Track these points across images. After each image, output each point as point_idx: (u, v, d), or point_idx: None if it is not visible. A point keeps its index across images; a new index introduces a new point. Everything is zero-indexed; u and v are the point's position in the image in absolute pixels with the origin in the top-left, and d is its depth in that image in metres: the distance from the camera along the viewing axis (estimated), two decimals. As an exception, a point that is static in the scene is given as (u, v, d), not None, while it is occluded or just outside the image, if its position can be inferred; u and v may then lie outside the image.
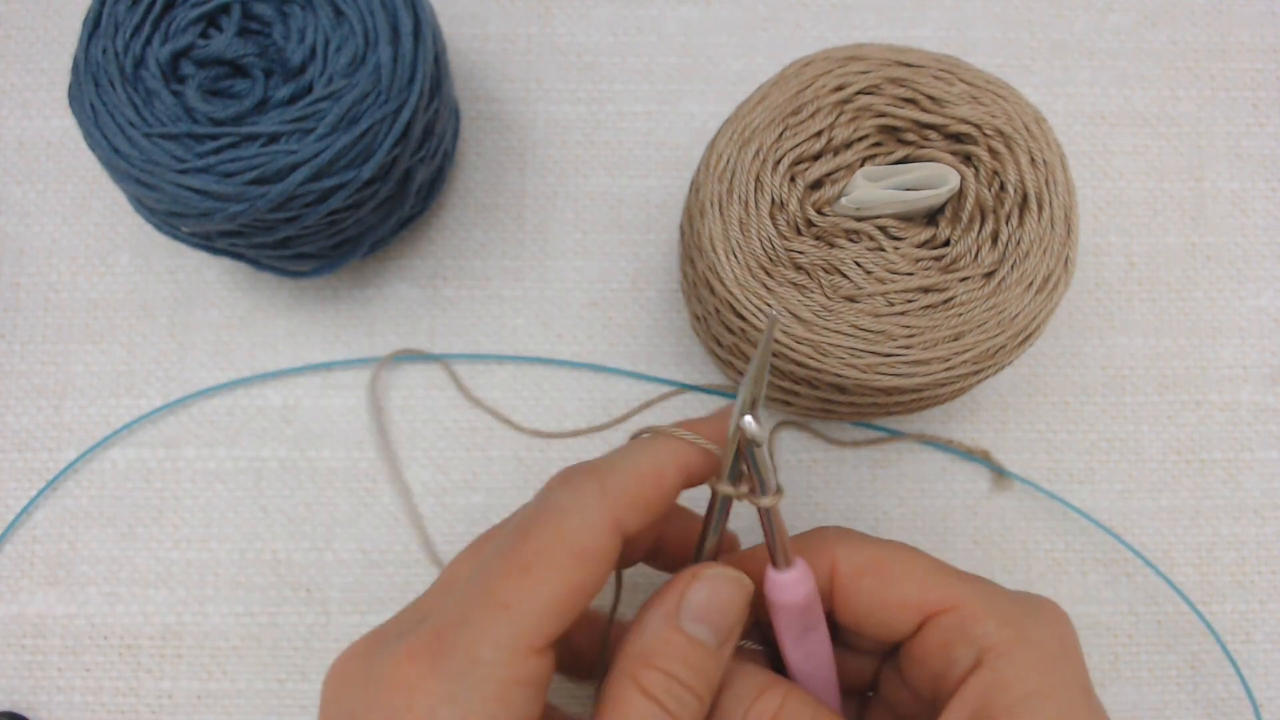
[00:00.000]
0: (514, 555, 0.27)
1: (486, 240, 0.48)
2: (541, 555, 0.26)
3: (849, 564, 0.31)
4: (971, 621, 0.29)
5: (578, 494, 0.28)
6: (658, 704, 0.27)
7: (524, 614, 0.26)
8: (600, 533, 0.27)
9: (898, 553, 0.31)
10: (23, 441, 0.47)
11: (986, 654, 0.28)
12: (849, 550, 0.31)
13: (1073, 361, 0.48)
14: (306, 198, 0.38)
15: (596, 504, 0.27)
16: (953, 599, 0.30)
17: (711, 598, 0.28)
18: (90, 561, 0.46)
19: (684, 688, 0.27)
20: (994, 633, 0.29)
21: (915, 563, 0.31)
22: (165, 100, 0.38)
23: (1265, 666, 0.45)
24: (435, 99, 0.41)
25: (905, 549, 0.32)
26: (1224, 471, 0.47)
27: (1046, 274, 0.36)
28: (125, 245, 0.48)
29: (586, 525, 0.27)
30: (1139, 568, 0.46)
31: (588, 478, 0.28)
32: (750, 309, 0.36)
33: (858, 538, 0.32)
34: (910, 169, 0.37)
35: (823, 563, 0.31)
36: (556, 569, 0.26)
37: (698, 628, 0.28)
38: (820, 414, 0.43)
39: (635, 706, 0.27)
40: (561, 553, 0.27)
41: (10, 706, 0.44)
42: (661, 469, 0.29)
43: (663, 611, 0.28)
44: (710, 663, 0.28)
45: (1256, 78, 0.51)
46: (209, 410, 0.47)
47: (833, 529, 0.32)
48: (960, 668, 0.29)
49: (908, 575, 0.30)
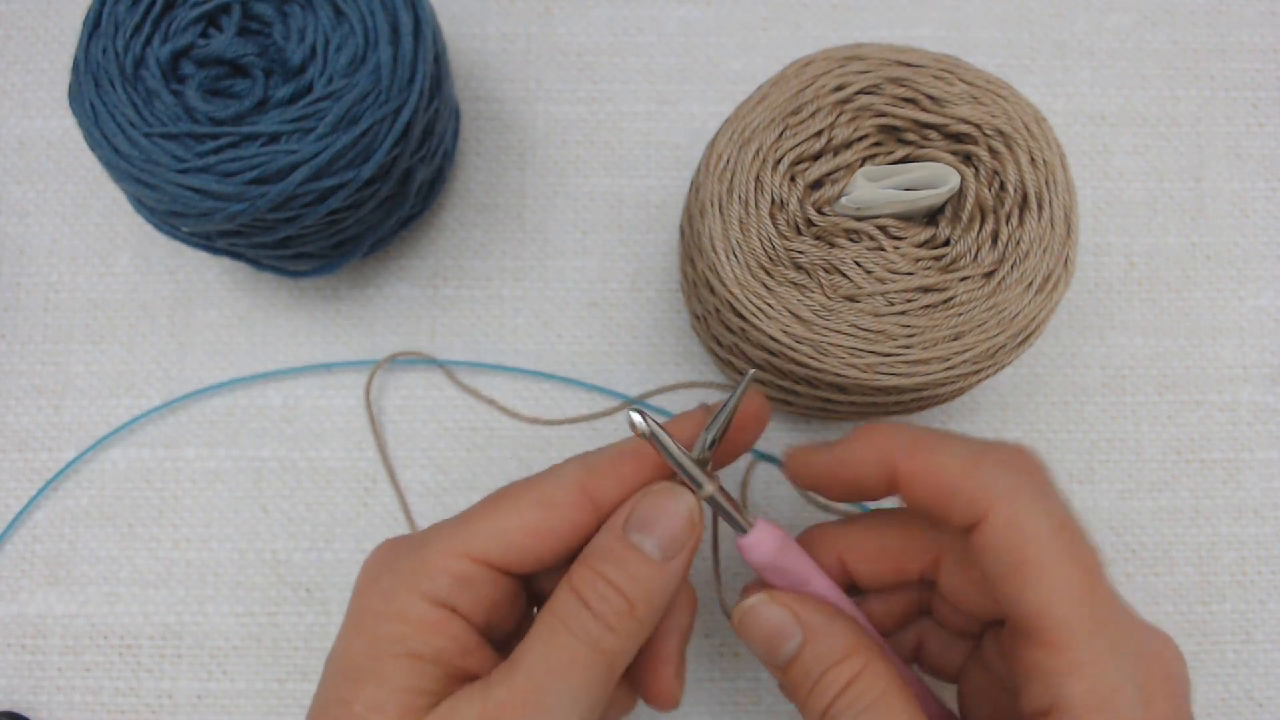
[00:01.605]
0: (494, 497, 0.31)
1: (486, 240, 0.48)
2: (511, 496, 0.31)
3: (904, 458, 0.30)
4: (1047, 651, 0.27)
5: (561, 465, 0.32)
6: (581, 600, 0.29)
7: (474, 530, 0.30)
8: (567, 490, 0.30)
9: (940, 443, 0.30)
10: (23, 441, 0.47)
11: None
12: (902, 442, 0.31)
13: (1073, 361, 0.48)
14: (306, 197, 0.38)
15: (572, 470, 0.31)
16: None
17: (654, 510, 0.30)
18: (90, 561, 0.46)
19: (613, 590, 0.29)
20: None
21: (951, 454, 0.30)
22: (165, 100, 0.38)
23: (1265, 667, 0.45)
24: (435, 99, 0.41)
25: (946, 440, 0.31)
26: (1224, 471, 0.47)
27: (1046, 274, 0.36)
28: (125, 245, 0.48)
29: (557, 484, 0.31)
30: (1139, 568, 0.46)
31: (573, 458, 0.32)
32: (750, 309, 0.36)
33: (909, 433, 0.31)
34: (910, 169, 0.37)
35: (876, 455, 0.31)
36: (518, 508, 0.30)
37: (640, 537, 0.30)
38: (820, 414, 0.43)
39: (562, 600, 0.29)
40: (528, 498, 0.30)
41: (10, 706, 0.44)
42: (641, 455, 0.31)
43: (611, 522, 0.30)
44: (650, 572, 0.29)
45: (1256, 78, 0.51)
46: (209, 410, 0.47)
47: (886, 426, 0.32)
48: None
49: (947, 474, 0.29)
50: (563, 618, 0.29)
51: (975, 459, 0.29)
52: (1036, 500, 0.28)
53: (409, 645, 0.29)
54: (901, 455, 0.30)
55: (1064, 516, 0.28)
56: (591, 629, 0.29)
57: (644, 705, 0.34)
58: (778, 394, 0.42)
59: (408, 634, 0.29)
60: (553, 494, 0.30)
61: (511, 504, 0.30)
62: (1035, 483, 0.29)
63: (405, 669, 0.29)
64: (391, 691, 0.28)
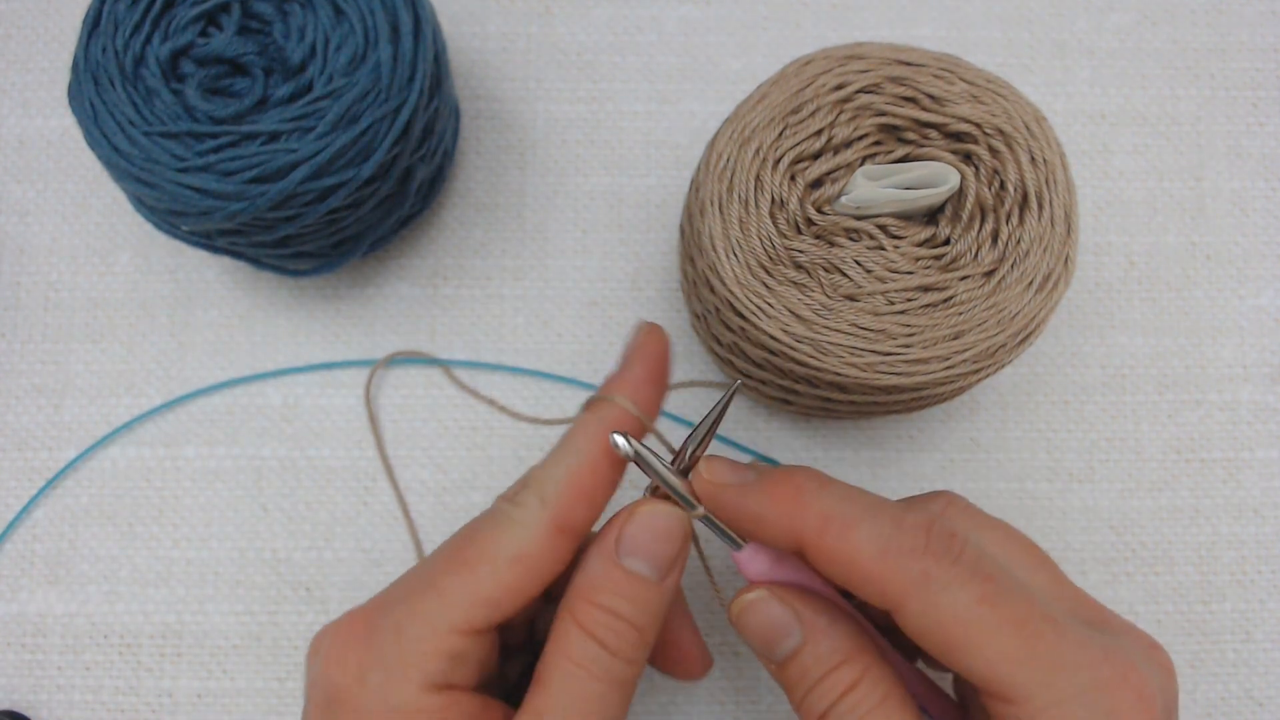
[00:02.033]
0: (458, 554, 0.29)
1: (486, 239, 0.48)
2: (484, 556, 0.29)
3: (813, 515, 0.29)
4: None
5: (520, 507, 0.30)
6: (595, 640, 0.28)
7: (455, 600, 0.28)
8: (539, 539, 0.29)
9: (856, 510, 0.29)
10: (23, 440, 0.46)
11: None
12: (812, 499, 0.29)
13: (1073, 361, 0.48)
14: (306, 196, 0.38)
15: (535, 515, 0.29)
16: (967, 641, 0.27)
17: (647, 532, 0.30)
18: (90, 560, 0.46)
19: (623, 622, 0.29)
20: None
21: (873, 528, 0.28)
22: (165, 99, 0.38)
23: (1265, 666, 0.45)
24: (435, 98, 0.41)
25: (864, 504, 0.29)
26: (1224, 471, 0.47)
27: (1046, 273, 0.36)
28: (125, 244, 0.48)
29: (527, 535, 0.29)
30: (1139, 567, 0.46)
31: (529, 491, 0.30)
32: (750, 308, 0.36)
33: (818, 506, 0.29)
34: (910, 168, 0.37)
35: (789, 509, 0.30)
36: (493, 569, 0.29)
37: (636, 562, 0.29)
38: (820, 413, 0.43)
39: (574, 642, 0.29)
40: (502, 556, 0.29)
41: (10, 705, 0.44)
42: (595, 463, 0.30)
43: (602, 549, 0.30)
44: (651, 595, 0.29)
45: (1256, 77, 0.51)
46: (209, 409, 0.47)
47: (800, 472, 0.30)
48: None
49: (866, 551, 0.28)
50: (579, 661, 0.28)
51: (884, 549, 0.28)
52: (949, 582, 0.27)
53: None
54: (810, 536, 0.28)
55: (980, 589, 0.27)
56: (610, 666, 0.28)
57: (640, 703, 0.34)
58: (778, 394, 0.42)
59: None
60: (525, 546, 0.29)
61: (485, 564, 0.29)
62: (947, 559, 0.27)
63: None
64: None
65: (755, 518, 0.30)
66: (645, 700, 0.45)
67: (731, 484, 0.30)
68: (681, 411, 0.47)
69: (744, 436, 0.47)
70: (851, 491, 0.30)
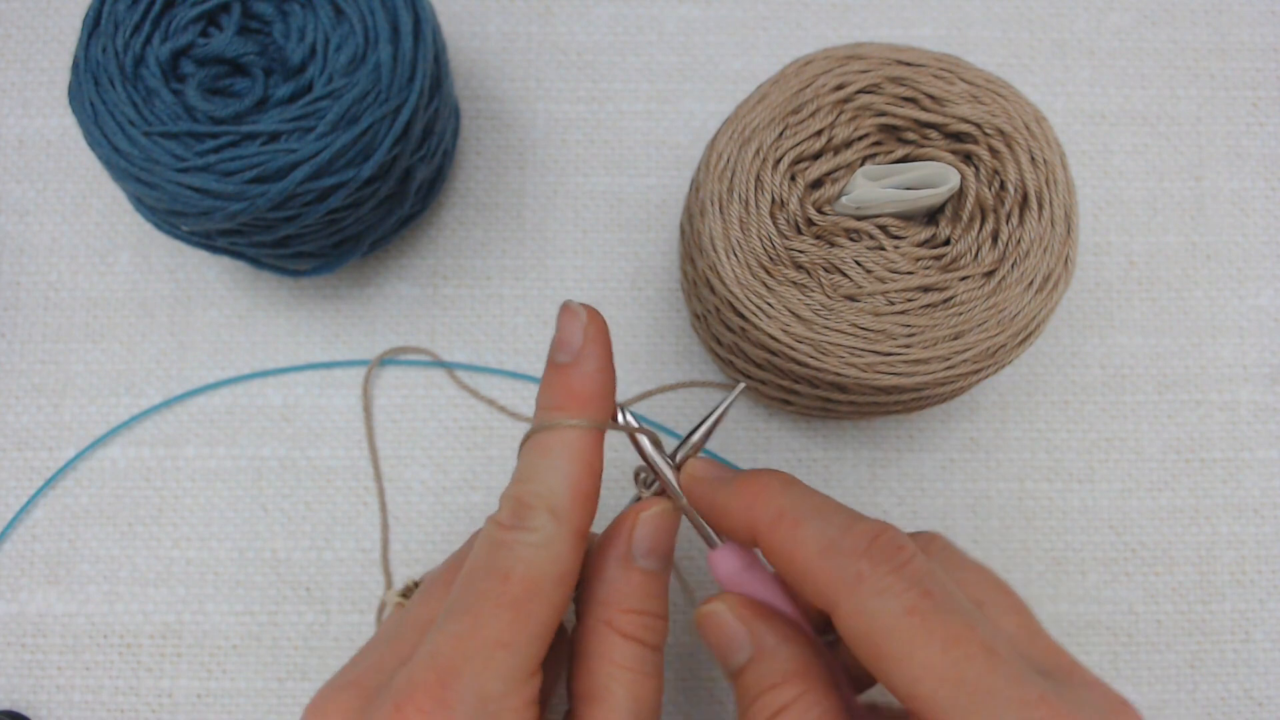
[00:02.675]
0: (503, 595, 0.28)
1: (486, 239, 0.48)
2: (529, 592, 0.28)
3: (765, 512, 0.30)
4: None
5: (535, 530, 0.29)
6: (638, 642, 0.30)
7: (521, 647, 0.28)
8: (569, 556, 0.29)
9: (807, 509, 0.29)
10: (22, 440, 0.46)
11: None
12: (770, 497, 0.30)
13: (1072, 361, 0.48)
14: (306, 196, 0.38)
15: (556, 532, 0.29)
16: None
17: (654, 532, 0.32)
18: (90, 560, 0.46)
19: (652, 617, 0.31)
20: None
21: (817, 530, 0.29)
22: (165, 99, 0.38)
23: (1265, 666, 0.45)
24: (435, 98, 0.41)
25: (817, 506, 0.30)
26: (1224, 471, 0.47)
27: (1046, 273, 0.36)
28: (125, 244, 0.48)
29: (557, 554, 0.29)
30: (1139, 567, 0.46)
31: (536, 512, 0.29)
32: (750, 308, 0.36)
33: (779, 501, 0.30)
34: (910, 168, 0.37)
35: (748, 504, 0.31)
36: (543, 602, 0.28)
37: (649, 561, 0.31)
38: (820, 413, 0.43)
39: (620, 649, 0.30)
40: (546, 586, 0.29)
41: (10, 705, 0.44)
42: (588, 465, 0.30)
43: (617, 555, 0.31)
44: (664, 585, 0.32)
45: (1256, 77, 0.51)
46: (209, 409, 0.47)
47: (769, 472, 0.31)
48: None
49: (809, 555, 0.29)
50: (630, 666, 0.30)
51: (827, 547, 0.28)
52: (883, 588, 0.27)
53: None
54: (763, 528, 0.30)
55: (914, 600, 0.27)
56: (653, 660, 0.30)
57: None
58: (778, 394, 0.42)
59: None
60: (561, 566, 0.29)
61: (536, 601, 0.29)
62: (886, 565, 0.27)
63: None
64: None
65: (722, 510, 0.31)
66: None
67: (707, 478, 0.32)
68: (681, 412, 0.47)
69: (744, 436, 0.47)
70: (814, 495, 0.30)
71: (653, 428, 0.47)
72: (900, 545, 0.28)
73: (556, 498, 0.30)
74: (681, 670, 0.45)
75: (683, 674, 0.45)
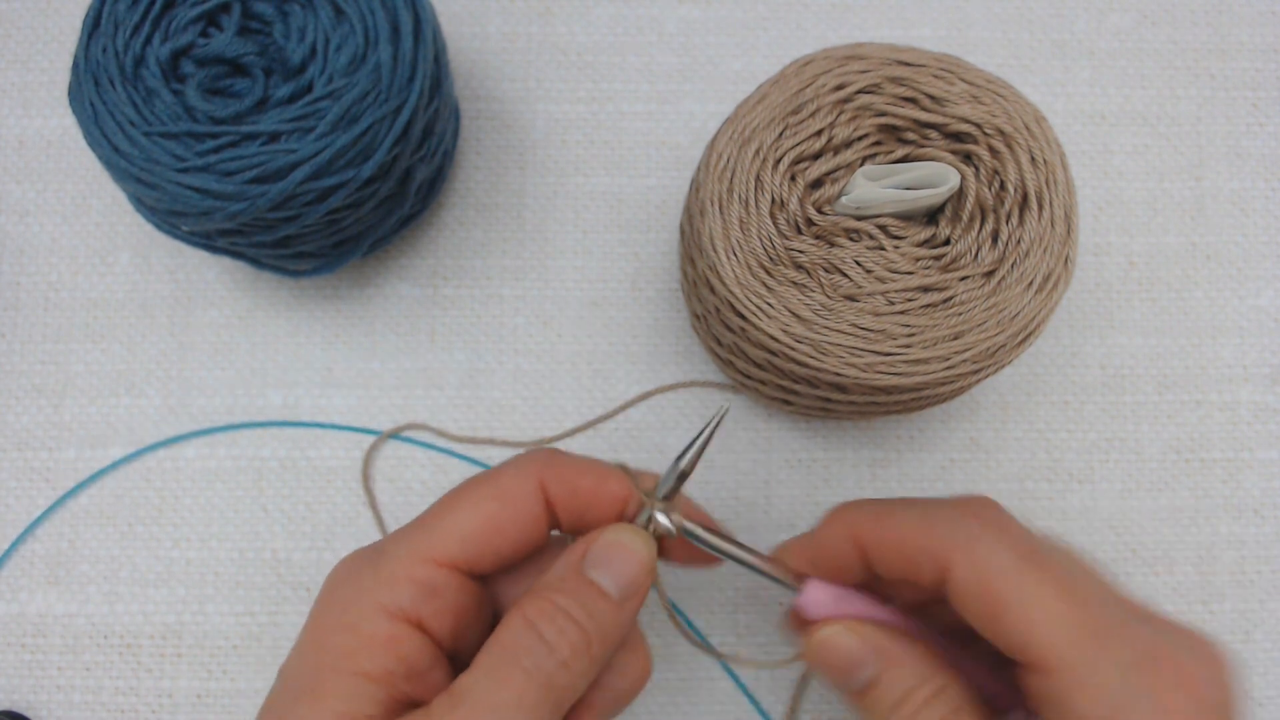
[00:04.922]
0: (447, 497, 0.31)
1: (486, 239, 0.48)
2: (466, 493, 0.31)
3: (868, 529, 0.32)
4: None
5: (523, 455, 0.32)
6: (534, 631, 0.28)
7: (433, 531, 0.30)
8: (523, 481, 0.31)
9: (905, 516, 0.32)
10: (22, 440, 0.46)
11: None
12: (863, 517, 0.32)
13: (1072, 361, 0.48)
14: (306, 197, 0.38)
15: (525, 464, 0.31)
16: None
17: (615, 548, 0.30)
18: (90, 561, 0.46)
19: (571, 623, 0.28)
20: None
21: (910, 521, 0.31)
22: (165, 99, 0.38)
23: (1265, 666, 0.45)
24: (435, 98, 0.41)
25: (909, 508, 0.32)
26: (1224, 471, 0.47)
27: (1046, 273, 0.36)
28: (125, 244, 0.48)
29: (512, 476, 0.31)
30: (1139, 567, 0.46)
31: (525, 454, 0.32)
32: (750, 308, 0.36)
33: (872, 506, 0.33)
34: (910, 168, 0.37)
35: (843, 534, 0.32)
36: (474, 502, 0.30)
37: (598, 574, 0.30)
38: (820, 413, 0.43)
39: (513, 630, 0.28)
40: (483, 492, 0.31)
41: (10, 706, 0.44)
42: (602, 480, 0.31)
43: (569, 557, 0.30)
44: (608, 610, 0.29)
45: (1256, 78, 0.51)
46: (209, 409, 0.47)
47: (842, 504, 0.34)
48: None
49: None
50: (514, 651, 0.27)
51: (929, 518, 0.30)
52: (995, 539, 0.29)
53: (356, 661, 0.27)
54: (864, 528, 0.31)
55: (1027, 546, 0.28)
56: (545, 664, 0.27)
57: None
58: (778, 394, 0.42)
59: (356, 649, 0.28)
60: (509, 485, 0.30)
61: (468, 500, 0.30)
62: (991, 522, 0.30)
63: (346, 688, 0.27)
64: (327, 712, 0.27)
65: (819, 543, 0.33)
66: (646, 700, 0.45)
67: (801, 537, 0.34)
68: (681, 412, 0.47)
69: (744, 437, 0.47)
70: (884, 499, 0.33)
71: (658, 433, 0.47)
72: (995, 505, 0.30)
73: (545, 453, 0.32)
74: (682, 670, 0.45)
75: (683, 674, 0.45)
